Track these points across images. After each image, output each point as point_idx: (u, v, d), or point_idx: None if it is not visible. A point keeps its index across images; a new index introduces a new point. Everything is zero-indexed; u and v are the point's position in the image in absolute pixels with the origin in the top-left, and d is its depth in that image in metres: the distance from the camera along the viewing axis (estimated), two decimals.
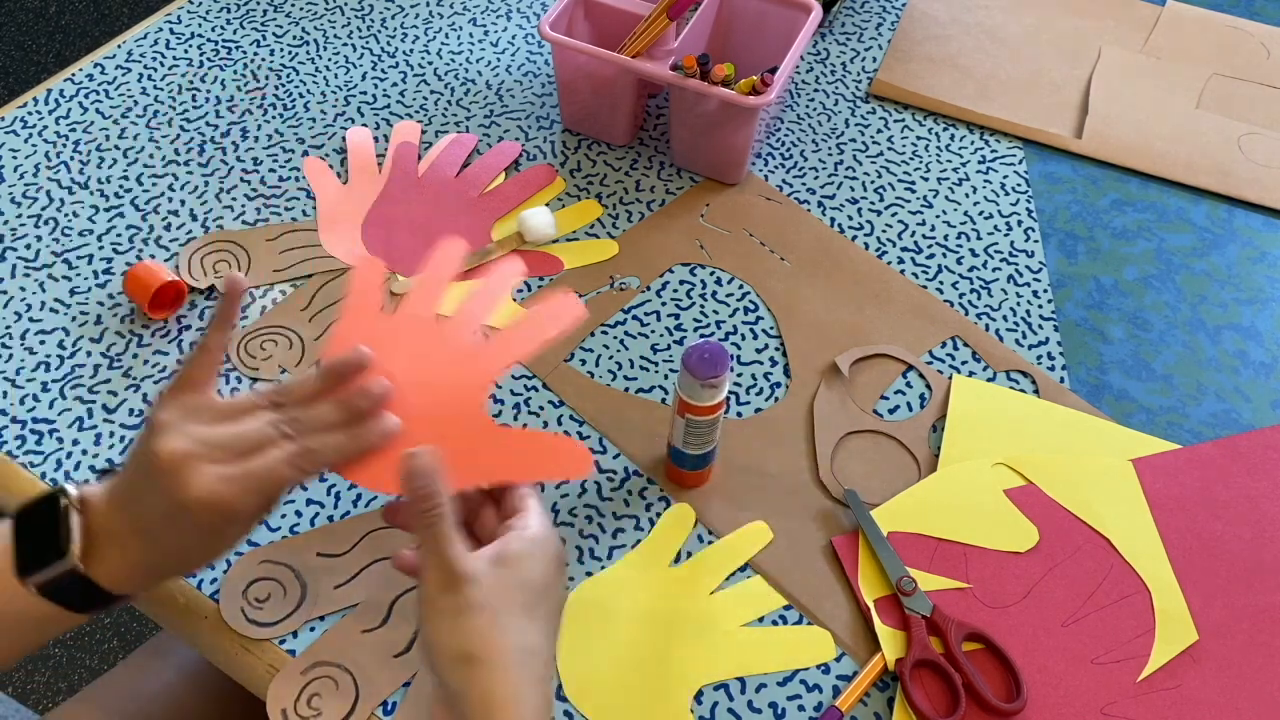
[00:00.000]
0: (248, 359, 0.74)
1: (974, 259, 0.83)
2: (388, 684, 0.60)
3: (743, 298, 0.79)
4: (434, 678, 0.50)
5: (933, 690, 0.61)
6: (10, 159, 0.85)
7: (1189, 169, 0.89)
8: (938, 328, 0.78)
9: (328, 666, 0.60)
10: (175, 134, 0.87)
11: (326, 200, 0.83)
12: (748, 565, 0.66)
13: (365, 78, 0.92)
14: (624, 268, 0.81)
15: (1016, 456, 0.71)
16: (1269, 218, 0.87)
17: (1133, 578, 0.66)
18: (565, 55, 0.83)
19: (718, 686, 0.62)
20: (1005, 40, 0.99)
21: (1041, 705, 0.61)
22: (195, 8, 0.97)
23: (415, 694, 0.60)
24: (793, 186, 0.87)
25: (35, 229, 0.81)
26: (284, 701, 0.59)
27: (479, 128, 0.89)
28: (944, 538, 0.67)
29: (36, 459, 0.69)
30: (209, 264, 0.79)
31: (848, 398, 0.74)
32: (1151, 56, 0.98)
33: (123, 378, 0.73)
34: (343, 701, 0.59)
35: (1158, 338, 0.79)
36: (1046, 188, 0.88)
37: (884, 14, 1.01)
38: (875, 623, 0.63)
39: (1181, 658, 0.63)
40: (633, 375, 0.75)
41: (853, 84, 0.95)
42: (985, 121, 0.92)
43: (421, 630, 0.50)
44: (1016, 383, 0.75)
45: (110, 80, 0.91)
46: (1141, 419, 0.74)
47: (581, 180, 0.86)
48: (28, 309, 0.76)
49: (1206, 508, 0.69)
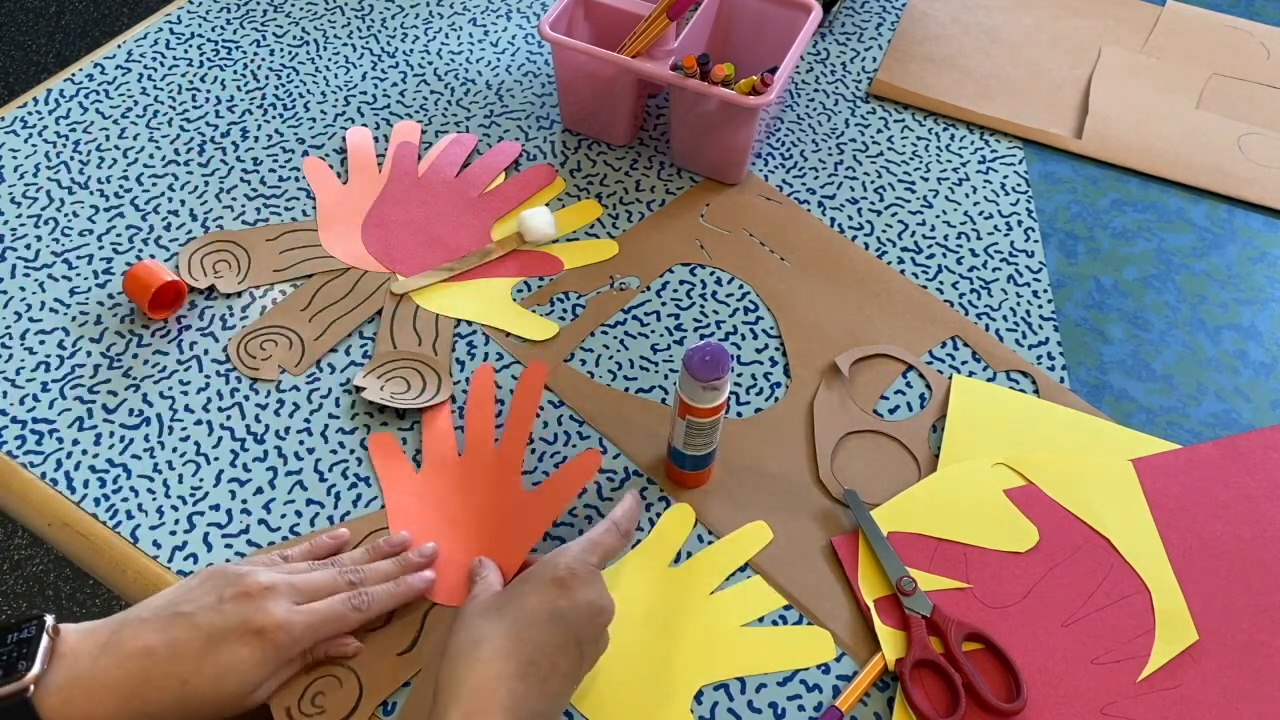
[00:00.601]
0: (248, 359, 0.74)
1: (974, 259, 0.83)
2: (390, 683, 0.60)
3: (743, 298, 0.79)
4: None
5: (933, 690, 0.61)
6: (10, 159, 0.85)
7: (1189, 169, 0.89)
8: (938, 328, 0.78)
9: (331, 666, 0.60)
10: (175, 134, 0.87)
11: (326, 200, 0.83)
12: (748, 565, 0.66)
13: (365, 78, 0.92)
14: (624, 268, 0.81)
15: (1016, 456, 0.71)
16: (1269, 218, 0.87)
17: (1133, 578, 0.66)
18: (565, 55, 0.83)
19: (718, 686, 0.62)
20: (1005, 40, 0.99)
21: (1041, 705, 0.61)
22: (195, 8, 0.97)
23: (417, 694, 0.60)
24: (793, 186, 0.87)
25: (35, 229, 0.81)
26: (287, 700, 0.59)
27: (479, 128, 0.89)
28: (944, 538, 0.67)
29: (36, 459, 0.69)
30: (209, 264, 0.79)
31: (848, 398, 0.74)
32: (1151, 56, 0.98)
33: (123, 378, 0.73)
34: (345, 700, 0.59)
35: (1158, 338, 0.79)
36: (1046, 188, 0.88)
37: (884, 14, 1.01)
38: (875, 623, 0.63)
39: (1181, 658, 0.63)
40: (633, 375, 0.75)
41: (853, 84, 0.95)
42: (985, 121, 0.92)
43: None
44: (1016, 383, 0.75)
45: (110, 80, 0.91)
46: (1141, 419, 0.74)
47: (581, 180, 0.86)
48: (28, 309, 0.76)
49: (1206, 508, 0.69)
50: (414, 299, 0.78)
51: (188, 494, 0.68)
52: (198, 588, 0.58)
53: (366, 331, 0.76)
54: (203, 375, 0.73)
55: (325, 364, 0.74)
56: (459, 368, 0.74)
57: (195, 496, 0.68)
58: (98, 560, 0.66)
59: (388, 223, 0.82)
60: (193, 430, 0.70)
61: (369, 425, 0.71)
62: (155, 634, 0.55)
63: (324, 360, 0.74)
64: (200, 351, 0.74)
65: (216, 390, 0.72)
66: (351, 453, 0.70)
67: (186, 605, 0.57)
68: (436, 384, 0.72)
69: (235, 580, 0.58)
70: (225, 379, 0.73)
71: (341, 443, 0.70)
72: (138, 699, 0.54)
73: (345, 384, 0.73)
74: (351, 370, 0.74)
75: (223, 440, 0.70)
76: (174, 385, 0.72)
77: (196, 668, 0.55)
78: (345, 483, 0.68)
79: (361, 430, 0.71)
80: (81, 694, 0.53)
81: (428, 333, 0.76)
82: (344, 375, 0.74)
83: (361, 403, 0.72)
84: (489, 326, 0.77)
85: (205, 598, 0.57)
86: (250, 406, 0.72)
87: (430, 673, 0.61)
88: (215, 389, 0.72)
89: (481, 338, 0.76)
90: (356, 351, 0.75)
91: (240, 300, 0.77)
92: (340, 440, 0.70)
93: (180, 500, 0.67)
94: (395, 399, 0.71)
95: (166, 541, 0.66)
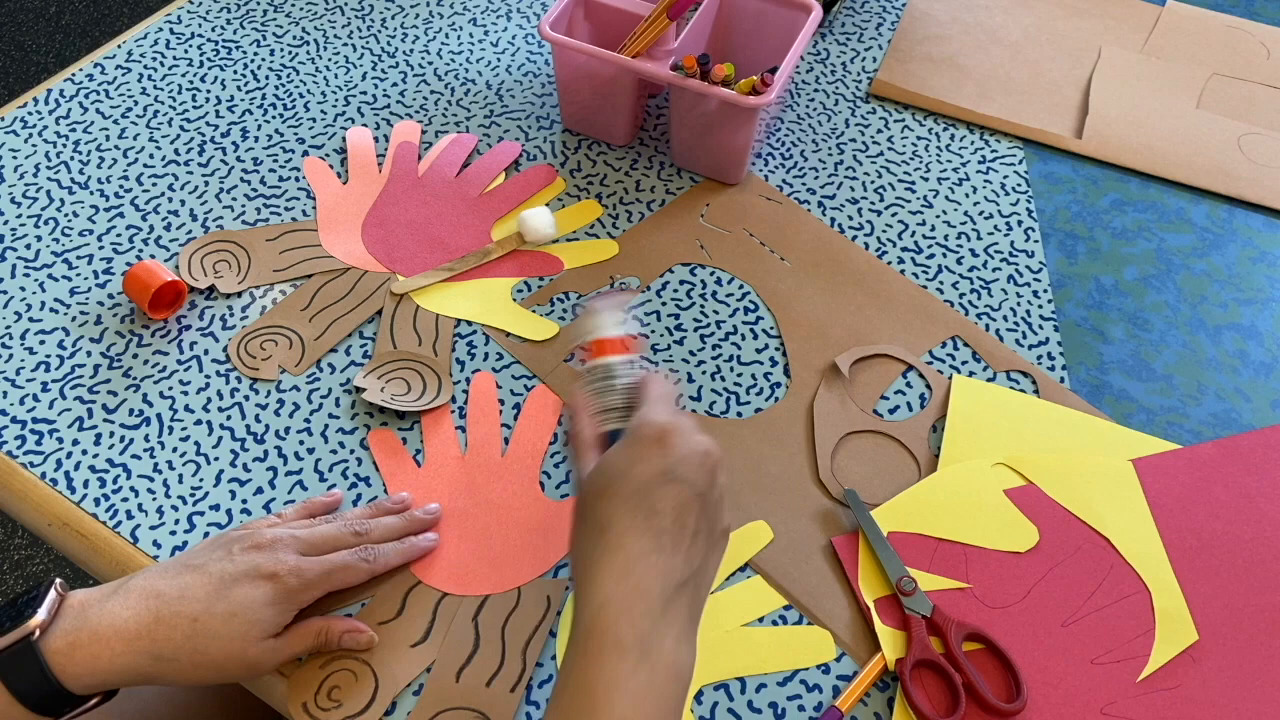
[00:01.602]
0: (248, 359, 0.74)
1: (974, 259, 0.83)
2: (406, 674, 0.60)
3: (743, 298, 0.79)
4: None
5: (933, 690, 0.61)
6: (10, 159, 0.85)
7: (1189, 169, 0.89)
8: (938, 328, 0.78)
9: (346, 659, 0.61)
10: (175, 134, 0.87)
11: (326, 200, 0.83)
12: (748, 565, 0.66)
13: (365, 78, 0.92)
14: (624, 268, 0.81)
15: (1016, 456, 0.71)
16: (1269, 218, 0.87)
17: (1133, 578, 0.66)
18: (565, 55, 0.83)
19: (718, 686, 0.62)
20: (1005, 40, 0.99)
21: (1041, 705, 0.61)
22: (195, 8, 0.97)
23: (437, 680, 0.60)
24: (793, 186, 0.87)
25: (35, 229, 0.81)
26: (304, 695, 0.59)
27: (479, 128, 0.89)
28: (944, 538, 0.67)
29: (36, 459, 0.69)
30: (209, 264, 0.79)
31: (848, 398, 0.74)
32: (1151, 56, 0.98)
33: (123, 378, 0.73)
34: (362, 692, 0.59)
35: (1158, 338, 0.79)
36: (1046, 188, 0.88)
37: (884, 14, 1.01)
38: (875, 623, 0.63)
39: (1181, 658, 0.63)
40: None
41: (853, 84, 0.95)
42: (985, 121, 0.92)
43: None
44: (1016, 383, 0.75)
45: (110, 80, 0.91)
46: (1141, 419, 0.74)
47: (581, 180, 0.86)
48: (28, 309, 0.76)
49: (1206, 508, 0.69)
50: (414, 299, 0.78)
51: (188, 494, 0.68)
52: (206, 548, 0.59)
53: (366, 331, 0.76)
54: (203, 375, 0.73)
55: (325, 364, 0.74)
56: (459, 368, 0.74)
57: (195, 496, 0.68)
58: (98, 560, 0.66)
59: (388, 223, 0.82)
60: (193, 430, 0.70)
61: (369, 425, 0.71)
62: (165, 580, 0.55)
63: (324, 360, 0.74)
64: (200, 351, 0.74)
65: (216, 390, 0.72)
66: (351, 453, 0.70)
67: (196, 559, 0.57)
68: (437, 386, 0.72)
69: (244, 537, 0.58)
70: (225, 379, 0.73)
71: (341, 443, 0.70)
72: (147, 638, 0.53)
73: (345, 384, 0.73)
74: (351, 370, 0.74)
75: (223, 440, 0.70)
76: (174, 385, 0.72)
77: (208, 607, 0.54)
78: (345, 483, 0.68)
79: (361, 430, 0.71)
80: (89, 638, 0.53)
81: (428, 333, 0.76)
82: (344, 375, 0.74)
83: (361, 403, 0.72)
84: (489, 326, 0.77)
85: (215, 553, 0.58)
86: (250, 406, 0.72)
87: (451, 653, 0.61)
88: (215, 389, 0.72)
89: (481, 338, 0.76)
90: (356, 351, 0.75)
91: (240, 300, 0.77)
92: (340, 440, 0.70)
93: (180, 500, 0.67)
94: (395, 400, 0.71)
95: (166, 541, 0.66)
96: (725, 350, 0.76)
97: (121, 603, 0.54)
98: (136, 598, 0.54)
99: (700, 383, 0.74)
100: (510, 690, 0.60)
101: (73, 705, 0.54)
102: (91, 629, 0.53)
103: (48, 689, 0.52)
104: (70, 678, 0.52)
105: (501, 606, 0.63)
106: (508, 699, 0.60)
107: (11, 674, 0.52)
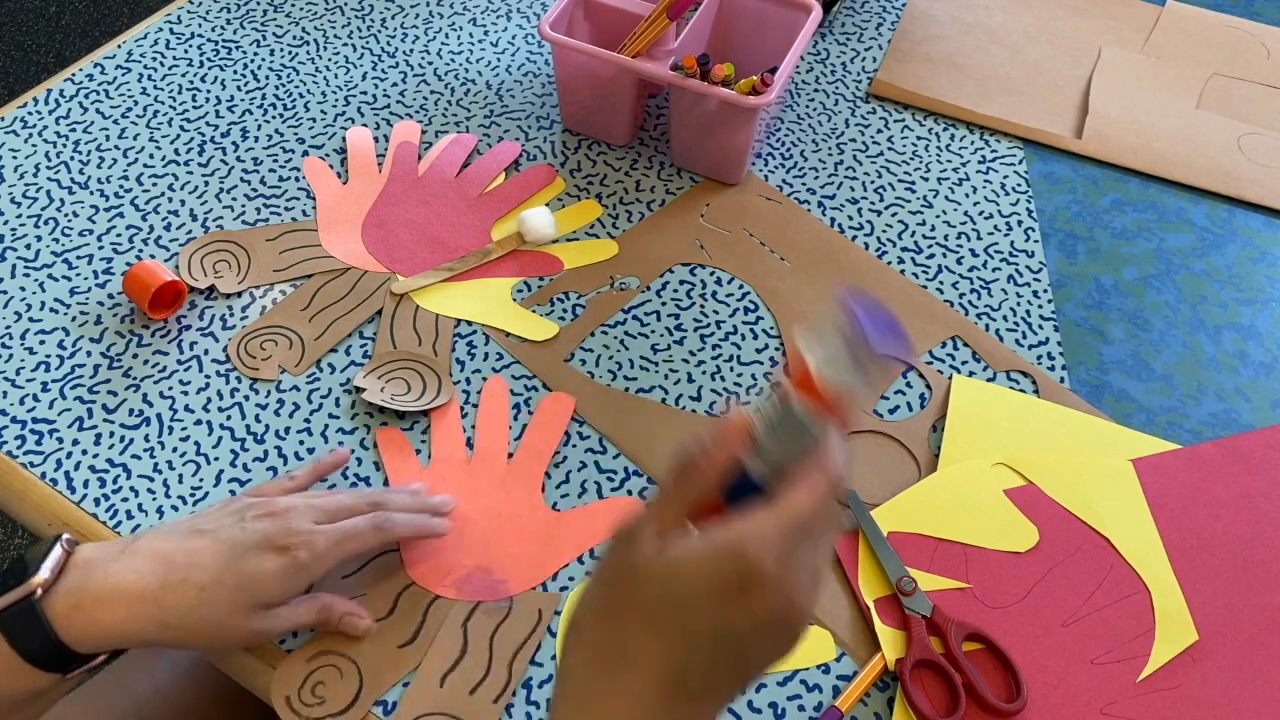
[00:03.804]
0: (247, 359, 0.74)
1: (974, 259, 0.83)
2: (391, 675, 0.60)
3: (743, 298, 0.79)
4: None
5: (933, 690, 0.61)
6: (10, 159, 0.85)
7: (1189, 169, 0.89)
8: (938, 328, 0.78)
9: (332, 655, 0.60)
10: (175, 134, 0.87)
11: (326, 200, 0.83)
12: None
13: (365, 78, 0.92)
14: (624, 268, 0.81)
15: (1016, 456, 0.71)
16: (1269, 218, 0.87)
17: (1133, 578, 0.66)
18: (565, 55, 0.83)
19: None
20: (1005, 40, 0.99)
21: (1041, 705, 0.61)
22: (195, 8, 0.97)
23: (420, 686, 0.60)
24: (793, 186, 0.87)
25: (35, 229, 0.81)
26: (288, 689, 0.59)
27: (479, 128, 0.89)
28: (944, 538, 0.67)
29: (36, 459, 0.69)
30: (209, 264, 0.79)
31: None
32: (1151, 56, 0.98)
33: (123, 378, 0.73)
34: (346, 690, 0.59)
35: (1158, 338, 0.79)
36: (1046, 188, 0.88)
37: (884, 14, 1.01)
38: (875, 623, 0.63)
39: (1181, 658, 0.63)
40: (633, 375, 0.75)
41: (853, 84, 0.95)
42: (985, 121, 0.92)
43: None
44: (1016, 383, 0.75)
45: (110, 80, 0.91)
46: (1141, 419, 0.74)
47: (581, 180, 0.86)
48: (28, 309, 0.76)
49: (1206, 508, 0.69)
50: (414, 299, 0.78)
51: (188, 494, 0.68)
52: (217, 512, 0.58)
53: (366, 331, 0.76)
54: (203, 375, 0.73)
55: (325, 364, 0.74)
56: (459, 368, 0.74)
57: (195, 496, 0.68)
58: None
59: (388, 223, 0.82)
60: (193, 430, 0.70)
61: (369, 425, 0.71)
62: (174, 542, 0.55)
63: (324, 360, 0.74)
64: (200, 351, 0.74)
65: (216, 390, 0.72)
66: (351, 452, 0.70)
67: (207, 524, 0.57)
68: (437, 386, 0.72)
69: (257, 504, 0.58)
70: (225, 379, 0.73)
71: (341, 442, 0.70)
72: (152, 603, 0.53)
73: (345, 384, 0.73)
74: (351, 370, 0.74)
75: (223, 440, 0.70)
76: (174, 385, 0.72)
77: (216, 577, 0.54)
78: (346, 483, 0.68)
79: (361, 430, 0.71)
80: (92, 599, 0.52)
81: (428, 333, 0.76)
82: (344, 375, 0.74)
83: (361, 403, 0.72)
84: (489, 326, 0.77)
85: (226, 519, 0.57)
86: (250, 406, 0.72)
87: (434, 666, 0.60)
88: (215, 389, 0.72)
89: (481, 338, 0.76)
90: (356, 351, 0.75)
91: (240, 300, 0.77)
92: (340, 440, 0.70)
93: (180, 500, 0.67)
94: (395, 400, 0.71)
95: None
96: (725, 350, 0.76)
97: (128, 564, 0.53)
98: (144, 560, 0.54)
99: (700, 383, 0.74)
100: (493, 701, 0.60)
101: (80, 661, 0.53)
102: (95, 590, 0.52)
103: (52, 648, 0.52)
104: (74, 638, 0.52)
105: (492, 615, 0.63)
106: (490, 710, 0.59)
107: (16, 633, 0.51)
